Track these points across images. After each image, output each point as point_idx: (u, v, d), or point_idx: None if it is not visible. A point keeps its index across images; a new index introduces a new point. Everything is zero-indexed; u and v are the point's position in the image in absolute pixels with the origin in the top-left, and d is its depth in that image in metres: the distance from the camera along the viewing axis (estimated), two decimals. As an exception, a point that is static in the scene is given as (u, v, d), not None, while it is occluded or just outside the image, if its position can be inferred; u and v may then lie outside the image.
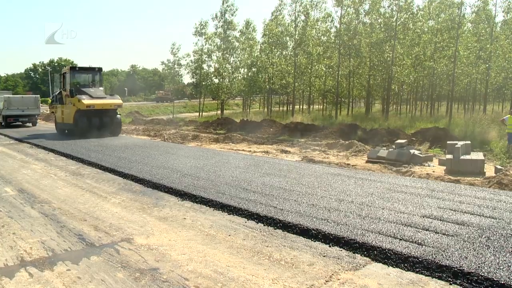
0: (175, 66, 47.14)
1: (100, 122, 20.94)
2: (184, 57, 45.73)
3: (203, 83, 44.87)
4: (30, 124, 31.43)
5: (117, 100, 21.93)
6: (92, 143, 17.56)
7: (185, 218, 6.94)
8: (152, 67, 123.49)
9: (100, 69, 23.25)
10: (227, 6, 43.00)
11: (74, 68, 22.85)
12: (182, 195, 8.39)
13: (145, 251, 5.47)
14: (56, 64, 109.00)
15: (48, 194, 8.86)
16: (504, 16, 33.44)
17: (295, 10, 37.08)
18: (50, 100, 30.27)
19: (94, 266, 5.02)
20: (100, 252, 5.45)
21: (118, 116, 22.10)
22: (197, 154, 14.19)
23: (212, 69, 44.50)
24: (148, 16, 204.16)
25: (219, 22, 43.55)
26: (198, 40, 44.72)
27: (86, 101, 20.12)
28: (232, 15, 43.51)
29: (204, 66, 44.88)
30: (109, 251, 5.50)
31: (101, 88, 23.15)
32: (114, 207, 7.79)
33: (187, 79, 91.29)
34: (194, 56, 45.07)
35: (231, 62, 45.20)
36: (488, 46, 31.94)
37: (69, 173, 11.43)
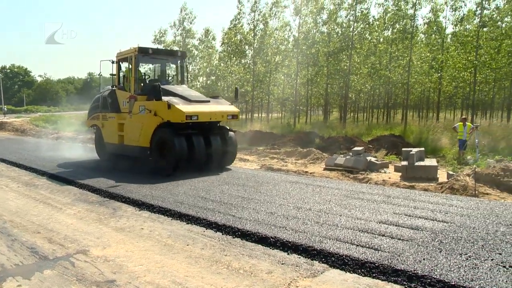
0: (134, 74, 46.41)
1: (205, 145, 11.88)
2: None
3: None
4: None
5: (231, 107, 12.85)
6: (47, 153, 17.01)
7: (142, 228, 6.83)
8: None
9: (184, 54, 14.70)
10: (185, 14, 42.80)
11: (145, 51, 13.16)
12: (140, 205, 8.27)
13: (101, 263, 5.35)
14: (8, 70, 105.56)
15: (-2, 206, 8.54)
16: (453, 28, 34.74)
17: (254, 19, 37.28)
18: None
19: (47, 280, 4.86)
20: (54, 266, 5.29)
21: (232, 133, 13.05)
22: (156, 163, 13.99)
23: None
24: (108, 24, 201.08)
25: (177, 30, 43.28)
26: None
27: (184, 107, 11.39)
28: (190, 23, 43.30)
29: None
30: (64, 264, 5.34)
31: (185, 86, 14.10)
32: (69, 218, 7.59)
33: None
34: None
35: (190, 70, 44.98)
36: (439, 56, 33.06)
37: (21, 184, 11.05)
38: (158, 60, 14.53)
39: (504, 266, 4.74)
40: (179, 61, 14.71)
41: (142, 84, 13.30)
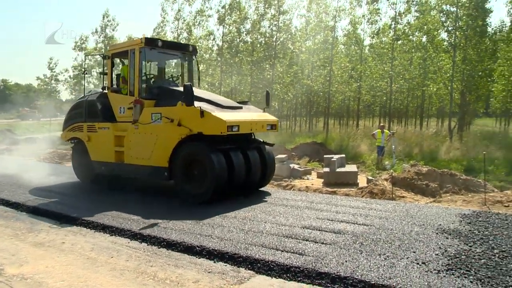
0: (52, 81, 44.32)
1: (244, 162, 9.32)
2: (62, 73, 43.29)
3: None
4: None
5: (269, 116, 10.65)
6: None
7: (63, 242, 6.55)
8: (27, 82, 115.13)
9: (195, 50, 11.68)
10: (107, 21, 41.71)
11: (153, 43, 10.28)
12: (61, 217, 7.91)
13: (17, 282, 5.06)
14: None
15: None
16: (370, 40, 36.52)
17: (177, 27, 37.03)
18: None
19: (-44, 301, 4.54)
20: (-37, 287, 4.95)
21: (269, 148, 10.42)
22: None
23: (92, 86, 42.67)
24: (26, 28, 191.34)
25: (99, 37, 42.06)
26: (78, 55, 42.72)
27: (221, 114, 8.79)
28: (113, 30, 42.27)
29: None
30: (-26, 284, 5.01)
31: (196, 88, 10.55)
32: (-19, 235, 7.12)
33: (65, 95, 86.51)
34: (73, 71, 42.97)
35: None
36: (358, 66, 34.59)
37: None
38: (166, 55, 11.34)
39: (418, 263, 5.04)
40: (187, 58, 11.66)
41: (145, 85, 10.41)
